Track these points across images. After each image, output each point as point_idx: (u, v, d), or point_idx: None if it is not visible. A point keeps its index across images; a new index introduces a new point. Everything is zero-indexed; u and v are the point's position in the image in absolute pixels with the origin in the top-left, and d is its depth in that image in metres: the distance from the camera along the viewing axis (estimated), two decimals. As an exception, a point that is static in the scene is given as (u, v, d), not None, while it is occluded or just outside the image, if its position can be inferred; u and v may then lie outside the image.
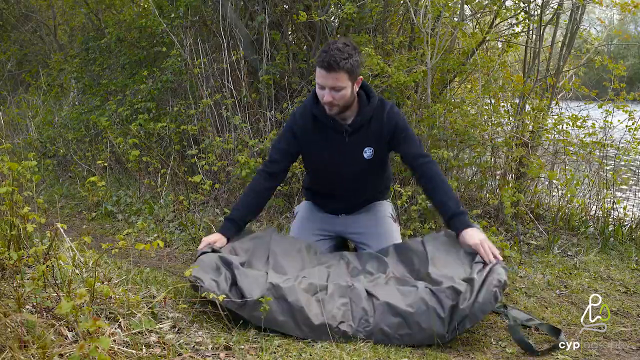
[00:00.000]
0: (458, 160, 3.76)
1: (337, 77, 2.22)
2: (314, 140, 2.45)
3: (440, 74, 4.03)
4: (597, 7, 4.04)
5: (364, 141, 2.43)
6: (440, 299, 1.95)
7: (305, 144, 2.46)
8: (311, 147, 2.47)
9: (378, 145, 2.44)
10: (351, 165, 2.47)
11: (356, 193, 2.61)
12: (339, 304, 2.00)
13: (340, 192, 2.60)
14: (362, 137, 2.42)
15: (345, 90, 2.27)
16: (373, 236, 2.60)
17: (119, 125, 4.70)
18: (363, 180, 2.55)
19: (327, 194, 2.65)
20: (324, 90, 2.27)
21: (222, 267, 2.08)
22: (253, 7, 4.49)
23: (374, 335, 1.94)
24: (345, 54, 2.20)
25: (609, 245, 3.37)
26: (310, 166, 2.58)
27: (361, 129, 2.41)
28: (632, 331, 2.22)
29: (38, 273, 1.68)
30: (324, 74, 2.23)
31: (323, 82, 2.26)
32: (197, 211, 3.81)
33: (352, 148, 2.43)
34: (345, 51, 2.21)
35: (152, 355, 1.58)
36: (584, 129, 3.88)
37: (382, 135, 2.42)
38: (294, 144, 2.46)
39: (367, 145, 2.44)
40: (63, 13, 7.33)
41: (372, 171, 2.52)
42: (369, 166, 2.48)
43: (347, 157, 2.45)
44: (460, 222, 2.25)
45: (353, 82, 2.29)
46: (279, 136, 2.53)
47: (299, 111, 2.48)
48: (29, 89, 7.27)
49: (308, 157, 2.54)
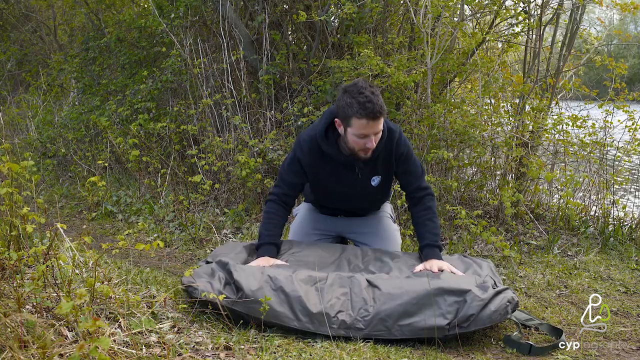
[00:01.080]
0: (458, 160, 3.76)
1: (380, 123, 2.17)
2: (321, 172, 2.41)
3: (440, 74, 4.03)
4: (597, 7, 4.05)
5: (373, 172, 2.41)
6: (444, 291, 1.95)
7: (312, 174, 2.42)
8: (318, 177, 2.43)
9: (386, 173, 2.44)
10: (358, 192, 2.46)
11: (358, 210, 2.63)
12: (338, 294, 1.99)
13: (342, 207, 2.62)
14: (372, 169, 2.40)
15: (382, 131, 2.22)
16: (373, 235, 2.60)
17: (119, 125, 4.70)
18: (367, 202, 2.57)
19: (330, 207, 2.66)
20: (367, 138, 2.18)
21: (217, 270, 2.08)
22: (253, 7, 4.49)
23: (373, 324, 1.93)
24: (379, 97, 2.15)
25: (609, 245, 3.36)
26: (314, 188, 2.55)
27: (371, 161, 2.37)
28: (632, 331, 2.22)
29: (38, 273, 1.68)
30: (371, 124, 2.14)
31: (369, 131, 2.16)
32: (197, 211, 3.81)
33: (361, 179, 2.42)
34: (378, 93, 2.15)
35: (152, 355, 1.58)
36: (584, 129, 3.88)
37: (390, 164, 2.41)
38: (301, 175, 2.42)
39: (375, 175, 2.42)
40: (63, 13, 7.33)
41: (377, 195, 2.53)
42: (375, 191, 2.48)
43: (355, 187, 2.44)
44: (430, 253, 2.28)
45: None
46: (287, 165, 2.45)
47: (307, 141, 2.38)
48: (29, 89, 7.27)
49: (313, 181, 2.49)
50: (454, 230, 3.43)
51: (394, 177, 2.50)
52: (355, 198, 2.51)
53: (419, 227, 2.38)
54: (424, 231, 2.35)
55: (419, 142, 3.60)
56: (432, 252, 2.28)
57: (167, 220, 3.69)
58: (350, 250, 2.44)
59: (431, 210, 2.38)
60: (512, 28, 4.21)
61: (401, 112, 3.79)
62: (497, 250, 3.11)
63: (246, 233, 3.42)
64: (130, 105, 4.60)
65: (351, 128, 2.17)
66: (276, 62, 4.14)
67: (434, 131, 3.50)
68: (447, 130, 3.60)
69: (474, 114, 3.75)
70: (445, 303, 1.93)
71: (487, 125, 3.86)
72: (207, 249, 3.25)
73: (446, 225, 3.44)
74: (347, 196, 2.50)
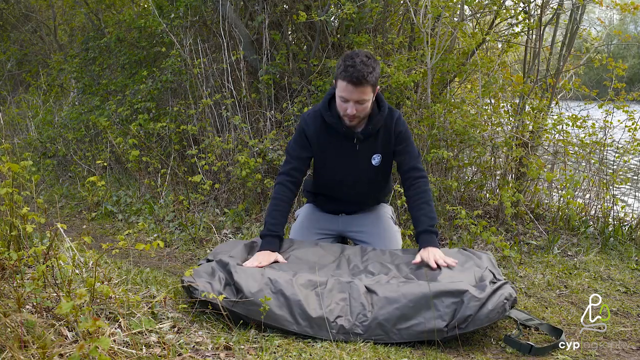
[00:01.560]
0: (458, 160, 3.76)
1: (364, 91, 2.23)
2: (324, 145, 2.46)
3: (440, 74, 4.03)
4: (597, 7, 4.04)
5: (373, 148, 2.46)
6: (442, 293, 1.95)
7: (316, 147, 2.47)
8: (322, 151, 2.48)
9: (386, 152, 2.47)
10: (359, 171, 2.50)
11: (359, 198, 2.63)
12: (337, 299, 2.00)
13: (344, 195, 2.61)
14: (372, 145, 2.45)
15: (368, 102, 2.28)
16: (374, 235, 2.60)
17: (118, 125, 4.70)
18: (368, 186, 2.57)
19: (331, 196, 2.66)
20: (348, 103, 2.27)
21: (217, 270, 2.08)
22: (253, 7, 4.49)
23: (371, 329, 1.94)
24: (370, 67, 2.21)
25: (609, 245, 3.36)
26: (318, 169, 2.59)
27: (371, 137, 2.43)
28: (632, 331, 2.22)
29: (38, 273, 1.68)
30: (351, 88, 2.22)
31: (348, 95, 2.25)
32: (197, 211, 3.81)
33: (361, 155, 2.46)
34: (370, 64, 2.21)
35: (152, 355, 1.58)
36: (584, 129, 3.88)
37: (390, 143, 2.45)
38: (307, 147, 2.47)
39: (375, 152, 2.47)
40: (63, 13, 7.33)
41: (377, 177, 2.55)
42: (375, 172, 2.51)
43: (356, 163, 2.47)
44: (426, 240, 2.29)
45: (374, 94, 2.32)
46: (293, 142, 2.51)
47: (310, 115, 2.47)
48: (29, 89, 7.27)
49: (317, 161, 2.55)
50: (454, 230, 3.43)
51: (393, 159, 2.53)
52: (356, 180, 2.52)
53: (415, 210, 2.38)
54: (420, 215, 2.36)
55: (419, 142, 3.60)
56: (429, 238, 2.29)
57: (167, 220, 3.69)
58: (350, 250, 2.44)
59: (427, 193, 2.40)
60: (512, 28, 4.21)
61: (401, 112, 3.79)
62: (497, 250, 3.11)
63: (246, 233, 3.42)
64: (130, 105, 4.60)
65: (337, 90, 2.28)
66: (276, 62, 4.14)
67: (434, 131, 3.50)
68: (447, 130, 3.60)
69: (474, 114, 3.75)
70: (443, 305, 1.93)
71: (487, 125, 3.86)
72: (207, 249, 3.26)
73: (446, 225, 3.44)
74: (349, 178, 2.51)
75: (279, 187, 2.44)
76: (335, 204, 2.67)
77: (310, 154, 2.48)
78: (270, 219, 2.40)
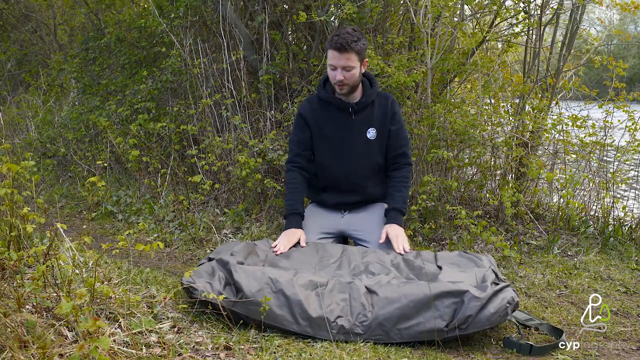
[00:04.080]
0: (458, 160, 3.76)
1: (349, 58, 2.45)
2: (321, 119, 2.64)
3: (440, 74, 4.02)
4: (597, 7, 4.04)
5: (368, 122, 2.64)
6: (442, 294, 1.95)
7: (313, 124, 2.65)
8: (319, 126, 2.65)
9: (381, 127, 2.64)
10: (355, 144, 2.63)
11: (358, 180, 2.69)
12: (338, 299, 2.00)
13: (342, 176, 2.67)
14: (367, 118, 2.63)
15: (355, 70, 2.49)
16: (375, 234, 2.61)
17: (118, 125, 4.70)
18: (364, 162, 2.67)
19: (332, 184, 2.68)
20: (336, 70, 2.48)
21: (217, 270, 2.08)
22: (253, 7, 4.49)
23: (371, 329, 1.94)
24: (355, 37, 2.44)
25: (609, 245, 3.36)
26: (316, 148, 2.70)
27: (365, 109, 2.62)
28: (632, 331, 2.22)
29: (38, 273, 1.68)
30: (337, 54, 2.45)
31: (335, 62, 2.47)
32: (197, 211, 3.81)
33: (357, 127, 2.63)
34: (355, 35, 2.45)
35: (152, 355, 1.58)
36: (584, 129, 3.88)
37: (385, 119, 2.64)
38: (306, 128, 2.67)
39: (370, 126, 2.64)
40: (63, 13, 7.33)
41: (373, 153, 2.66)
42: (371, 147, 2.65)
43: (352, 135, 2.63)
44: (395, 217, 2.57)
45: (361, 63, 2.52)
46: (294, 128, 2.73)
47: (306, 99, 2.74)
48: (29, 89, 7.27)
49: (316, 139, 2.68)
50: (454, 230, 3.43)
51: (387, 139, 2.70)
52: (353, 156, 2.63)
53: (393, 190, 2.64)
54: (397, 195, 2.62)
55: (419, 142, 3.60)
56: (398, 216, 2.57)
57: (167, 220, 3.69)
58: (351, 249, 2.44)
59: (409, 180, 2.69)
60: (512, 28, 4.21)
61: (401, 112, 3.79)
62: (497, 250, 3.11)
63: (246, 233, 3.42)
64: (130, 105, 4.60)
65: (328, 60, 2.51)
66: (276, 62, 4.13)
67: (434, 131, 3.50)
68: (447, 130, 3.60)
69: (474, 114, 3.75)
70: (443, 305, 1.93)
71: (487, 125, 3.86)
72: (207, 249, 3.26)
73: (446, 225, 3.44)
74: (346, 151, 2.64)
75: (288, 174, 2.67)
76: (336, 194, 2.70)
77: (308, 133, 2.67)
78: (287, 200, 2.62)
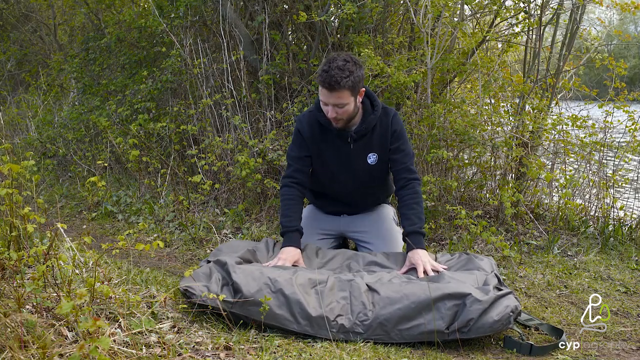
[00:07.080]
0: (458, 160, 3.76)
1: (340, 96, 2.25)
2: (320, 144, 2.48)
3: (440, 74, 4.03)
4: (597, 7, 4.04)
5: (368, 148, 2.47)
6: (444, 296, 1.94)
7: (312, 146, 2.49)
8: (318, 151, 2.50)
9: (382, 150, 2.48)
10: (355, 170, 2.50)
11: (358, 198, 2.63)
12: (338, 297, 1.99)
13: (343, 196, 2.61)
14: (367, 144, 2.46)
15: (348, 105, 2.30)
16: (375, 236, 2.60)
17: (118, 125, 4.70)
18: (365, 185, 2.57)
19: (331, 197, 2.66)
20: (328, 106, 2.31)
21: (214, 271, 2.08)
22: (253, 7, 4.49)
23: (372, 329, 1.93)
24: (346, 72, 2.21)
25: (609, 245, 3.36)
26: (316, 169, 2.60)
27: (365, 136, 2.44)
28: (632, 331, 2.22)
29: (38, 273, 1.68)
30: (326, 92, 2.27)
31: (325, 99, 2.30)
32: (197, 211, 3.81)
33: (356, 154, 2.47)
34: (346, 69, 2.22)
35: (152, 355, 1.58)
36: (584, 129, 3.88)
37: (386, 141, 2.46)
38: (305, 147, 2.49)
39: (371, 152, 2.48)
40: (63, 13, 7.33)
41: (375, 176, 2.55)
42: (372, 171, 2.51)
43: (352, 162, 2.48)
44: (415, 241, 2.32)
45: (356, 97, 2.33)
46: (292, 144, 2.55)
47: (305, 117, 2.51)
48: (29, 89, 7.27)
49: (315, 160, 2.56)
50: (454, 230, 3.43)
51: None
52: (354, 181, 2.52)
53: (406, 209, 2.40)
54: (411, 214, 2.39)
55: (419, 142, 3.60)
56: (418, 240, 2.33)
57: (167, 220, 3.69)
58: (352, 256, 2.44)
59: (419, 195, 2.44)
60: (512, 28, 4.21)
61: (401, 112, 3.79)
62: (497, 250, 3.11)
63: (246, 233, 3.42)
64: (130, 105, 4.60)
65: (319, 94, 2.33)
66: (276, 62, 4.14)
67: (434, 131, 3.50)
68: (447, 130, 3.60)
69: (474, 114, 3.75)
70: (445, 307, 1.93)
71: (487, 125, 3.86)
72: (207, 249, 3.25)
73: (446, 225, 3.44)
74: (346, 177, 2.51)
75: (284, 190, 2.48)
76: (336, 205, 2.67)
77: (307, 151, 2.50)
78: (283, 218, 2.43)
